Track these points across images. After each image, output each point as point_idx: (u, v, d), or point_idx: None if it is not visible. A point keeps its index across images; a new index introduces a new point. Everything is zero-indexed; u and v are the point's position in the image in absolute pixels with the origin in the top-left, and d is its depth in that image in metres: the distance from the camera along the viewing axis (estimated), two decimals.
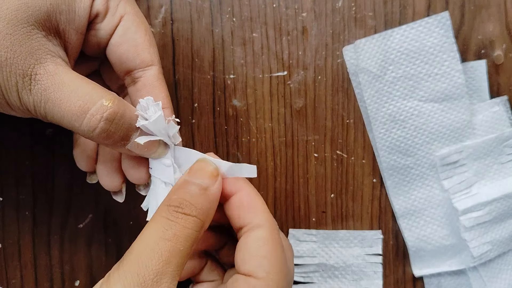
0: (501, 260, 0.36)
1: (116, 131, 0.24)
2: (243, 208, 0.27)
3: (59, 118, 0.24)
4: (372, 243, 0.36)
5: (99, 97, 0.24)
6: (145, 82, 0.28)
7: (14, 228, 0.35)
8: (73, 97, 0.23)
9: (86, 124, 0.23)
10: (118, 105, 0.24)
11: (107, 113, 0.24)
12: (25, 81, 0.23)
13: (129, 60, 0.27)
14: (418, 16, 0.34)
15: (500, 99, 0.35)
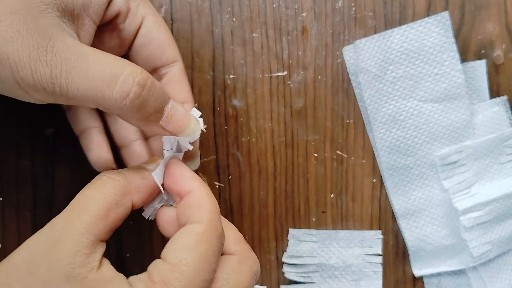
0: (501, 260, 0.36)
1: (149, 98, 0.23)
2: (190, 206, 0.25)
3: (85, 89, 0.22)
4: (372, 243, 0.36)
5: (128, 65, 0.23)
6: (170, 78, 0.29)
7: (14, 228, 0.35)
8: (100, 65, 0.22)
9: (118, 90, 0.22)
10: (147, 73, 0.23)
11: (138, 78, 0.23)
12: (40, 52, 0.22)
13: (156, 59, 0.28)
14: (418, 16, 0.34)
15: (500, 99, 0.35)
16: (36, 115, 0.34)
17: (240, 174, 0.35)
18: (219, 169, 0.35)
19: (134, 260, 0.35)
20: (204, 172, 0.35)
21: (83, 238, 0.23)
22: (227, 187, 0.35)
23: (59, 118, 0.34)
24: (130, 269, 0.36)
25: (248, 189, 0.36)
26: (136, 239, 0.35)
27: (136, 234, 0.35)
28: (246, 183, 0.36)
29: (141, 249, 0.35)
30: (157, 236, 0.36)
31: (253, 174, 0.35)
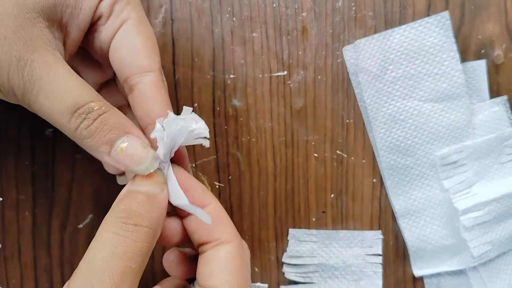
0: (501, 260, 0.36)
1: (98, 131, 0.24)
2: (213, 223, 0.25)
3: (47, 112, 0.24)
4: (372, 243, 0.36)
5: (88, 97, 0.24)
6: (141, 89, 0.27)
7: (14, 228, 0.35)
8: (66, 94, 0.23)
9: (73, 121, 0.23)
10: (105, 109, 0.24)
11: (92, 113, 0.24)
12: (19, 65, 0.23)
13: (126, 66, 0.27)
14: (418, 16, 0.34)
15: (500, 99, 0.35)
16: (36, 115, 0.34)
17: (240, 174, 0.35)
18: (219, 169, 0.35)
19: None
20: (204, 172, 0.35)
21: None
22: (227, 187, 0.35)
23: None
24: None
25: (248, 189, 0.36)
26: None
27: None
28: (246, 183, 0.36)
29: None
30: None
31: (253, 174, 0.35)
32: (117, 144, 0.24)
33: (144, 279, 0.35)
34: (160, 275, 0.36)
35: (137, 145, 0.24)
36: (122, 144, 0.24)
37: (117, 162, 0.24)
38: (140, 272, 0.23)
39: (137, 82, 0.27)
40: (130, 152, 0.24)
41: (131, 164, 0.24)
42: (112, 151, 0.24)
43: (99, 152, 0.24)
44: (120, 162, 0.24)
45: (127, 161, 0.24)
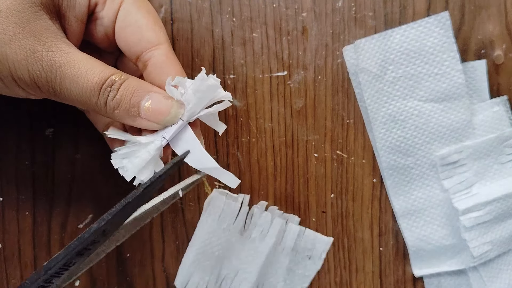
0: (501, 260, 0.36)
1: (123, 98, 0.25)
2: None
3: (77, 95, 0.24)
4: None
5: (110, 73, 0.25)
6: (155, 63, 0.27)
7: (14, 228, 0.35)
8: (90, 74, 0.24)
9: (101, 97, 0.25)
10: (124, 77, 0.25)
11: (115, 85, 0.25)
12: (36, 56, 0.23)
13: (135, 43, 0.27)
14: (418, 16, 0.34)
15: (500, 99, 0.35)
16: (36, 115, 0.34)
17: (240, 174, 0.35)
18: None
19: (134, 260, 0.35)
20: None
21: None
22: (227, 187, 0.35)
23: (59, 118, 0.34)
24: (130, 269, 0.36)
25: (248, 189, 0.36)
26: (136, 239, 0.35)
27: (136, 234, 0.35)
28: (246, 183, 0.35)
29: (141, 249, 0.35)
30: (157, 236, 0.36)
31: (253, 174, 0.35)
32: (143, 104, 0.25)
33: (144, 280, 0.35)
34: (160, 275, 0.36)
35: (159, 99, 0.25)
36: (147, 103, 0.25)
37: (149, 121, 0.26)
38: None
39: (149, 57, 0.27)
40: (156, 107, 0.25)
41: (160, 117, 0.26)
42: (141, 112, 0.25)
43: (131, 117, 0.26)
44: (151, 120, 0.26)
45: (155, 116, 0.26)
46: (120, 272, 0.35)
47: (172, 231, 0.36)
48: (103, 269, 0.35)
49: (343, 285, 0.37)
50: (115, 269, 0.35)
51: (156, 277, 0.36)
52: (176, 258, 0.36)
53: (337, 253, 0.36)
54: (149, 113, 0.25)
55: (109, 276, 0.35)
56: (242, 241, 0.35)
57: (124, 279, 0.36)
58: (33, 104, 0.32)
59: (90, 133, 0.34)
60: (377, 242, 0.36)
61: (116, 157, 0.27)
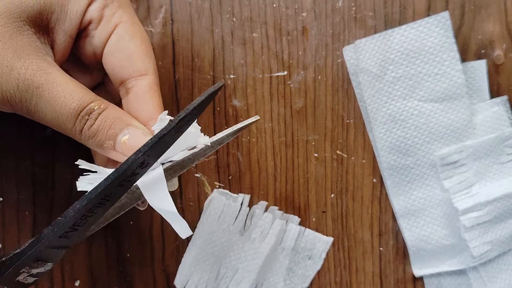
0: (501, 260, 0.36)
1: (100, 129, 0.24)
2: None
3: (51, 118, 0.24)
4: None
5: (90, 100, 0.24)
6: (137, 92, 0.27)
7: (14, 228, 0.35)
8: (68, 99, 0.24)
9: (77, 124, 0.24)
10: (104, 106, 0.25)
11: (93, 113, 0.24)
12: (13, 75, 0.23)
13: (122, 69, 0.27)
14: (418, 16, 0.34)
15: (500, 99, 0.35)
16: None
17: (240, 174, 0.35)
18: (219, 169, 0.35)
19: (134, 260, 0.35)
20: (204, 172, 0.35)
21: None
22: (227, 187, 0.35)
23: None
24: (130, 269, 0.36)
25: (248, 189, 0.36)
26: (136, 239, 0.35)
27: (136, 234, 0.35)
28: (246, 183, 0.35)
29: (141, 249, 0.35)
30: (157, 236, 0.36)
31: (253, 174, 0.35)
32: (119, 138, 0.25)
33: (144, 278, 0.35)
34: (160, 274, 0.36)
35: (137, 135, 0.25)
36: (124, 137, 0.25)
37: (124, 153, 0.25)
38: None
39: (133, 85, 0.27)
40: (132, 144, 0.24)
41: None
42: (117, 145, 0.25)
43: (105, 149, 0.25)
44: (126, 155, 0.25)
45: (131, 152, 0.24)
46: (120, 272, 0.36)
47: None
48: (103, 269, 0.35)
49: (343, 285, 0.37)
50: (115, 269, 0.35)
51: (156, 277, 0.36)
52: (176, 258, 0.36)
53: (337, 253, 0.36)
54: (125, 148, 0.25)
55: (109, 276, 0.35)
56: (242, 241, 0.35)
57: (124, 279, 0.36)
58: None
59: None
60: (377, 242, 0.36)
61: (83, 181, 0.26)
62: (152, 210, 0.35)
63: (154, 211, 0.34)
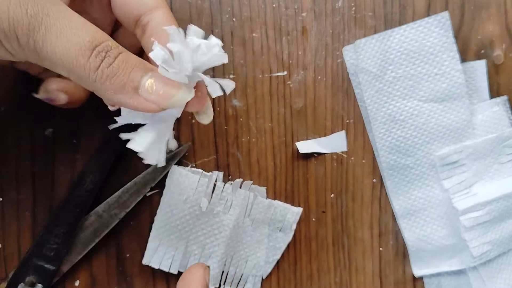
0: (501, 260, 0.36)
1: (121, 68, 0.21)
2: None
3: (61, 52, 0.21)
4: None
5: (106, 37, 0.22)
6: (155, 26, 0.25)
7: (14, 228, 0.35)
8: (81, 30, 0.21)
9: (93, 59, 0.21)
10: (122, 49, 0.22)
11: (112, 51, 0.21)
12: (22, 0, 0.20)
13: (132, 7, 0.25)
14: (418, 16, 0.34)
15: (500, 99, 0.35)
16: (36, 115, 0.34)
17: (240, 174, 0.35)
18: (219, 169, 0.35)
19: (134, 260, 0.35)
20: None
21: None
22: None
23: (59, 118, 0.34)
24: (130, 269, 0.36)
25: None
26: (136, 239, 0.35)
27: (136, 234, 0.35)
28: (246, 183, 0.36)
29: (141, 249, 0.35)
30: None
31: (253, 174, 0.35)
32: (144, 80, 0.22)
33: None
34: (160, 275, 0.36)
35: (164, 79, 0.22)
36: (150, 80, 0.22)
37: (148, 100, 0.22)
38: None
39: (148, 20, 0.25)
40: (161, 85, 0.22)
41: (164, 97, 0.22)
42: (140, 88, 0.22)
43: (125, 93, 0.22)
44: (151, 99, 0.22)
45: (159, 95, 0.22)
46: (120, 272, 0.35)
47: None
48: (103, 269, 0.35)
49: (343, 285, 0.37)
50: (115, 269, 0.35)
51: (156, 277, 0.36)
52: None
53: (337, 253, 0.36)
54: (150, 91, 0.21)
55: (109, 276, 0.35)
56: (207, 216, 0.35)
57: (124, 279, 0.36)
58: (33, 104, 0.32)
59: (90, 133, 0.34)
60: (377, 242, 0.36)
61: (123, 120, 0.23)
62: (152, 210, 0.35)
63: (153, 211, 0.34)
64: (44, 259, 0.33)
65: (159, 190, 0.35)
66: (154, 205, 0.35)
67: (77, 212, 0.33)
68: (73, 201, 0.33)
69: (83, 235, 0.34)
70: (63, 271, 0.34)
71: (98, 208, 0.34)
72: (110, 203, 0.34)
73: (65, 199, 0.33)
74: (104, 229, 0.34)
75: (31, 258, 0.33)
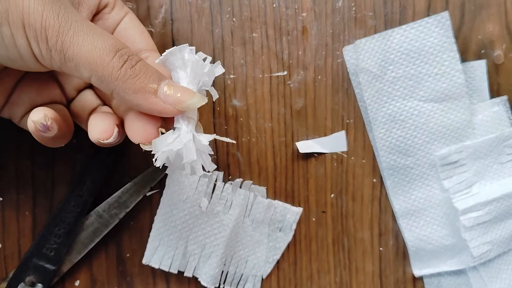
0: (501, 260, 0.36)
1: (142, 71, 0.24)
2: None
3: (87, 51, 0.23)
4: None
5: (126, 46, 0.24)
6: (151, 62, 0.28)
7: (14, 228, 0.35)
8: (105, 36, 0.23)
9: (117, 58, 0.23)
10: (140, 58, 0.24)
11: (133, 56, 0.24)
12: (54, 5, 0.22)
13: (136, 43, 0.29)
14: (418, 16, 0.34)
15: (500, 99, 0.35)
16: None
17: (240, 174, 0.35)
18: (219, 169, 0.35)
19: (134, 260, 0.35)
20: None
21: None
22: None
23: None
24: (130, 269, 0.36)
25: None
26: (136, 239, 0.35)
27: (136, 234, 0.35)
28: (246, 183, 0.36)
29: (141, 249, 0.35)
30: None
31: (253, 174, 0.35)
32: (162, 84, 0.24)
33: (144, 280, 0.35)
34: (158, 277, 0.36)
35: (180, 86, 0.24)
36: (167, 84, 0.24)
37: (166, 102, 0.24)
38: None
39: (147, 56, 0.29)
40: (177, 90, 0.24)
41: (181, 99, 0.24)
42: (159, 90, 0.24)
43: (145, 93, 0.24)
44: (169, 101, 0.24)
45: (176, 98, 0.24)
46: (120, 272, 0.36)
47: None
48: (103, 269, 0.35)
49: (343, 285, 0.37)
50: (115, 269, 0.35)
51: (156, 277, 0.36)
52: None
53: (337, 253, 0.36)
54: (169, 92, 0.24)
55: (109, 276, 0.35)
56: (207, 216, 0.35)
57: (124, 279, 0.36)
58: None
59: None
60: (377, 242, 0.36)
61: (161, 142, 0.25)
62: (152, 210, 0.35)
63: (153, 211, 0.35)
64: (44, 259, 0.33)
65: (159, 190, 0.35)
66: (154, 205, 0.35)
67: (77, 212, 0.33)
68: (73, 201, 0.33)
69: (83, 235, 0.34)
70: (63, 271, 0.34)
71: (98, 208, 0.34)
72: (110, 203, 0.34)
73: (65, 199, 0.33)
74: (104, 229, 0.34)
75: (31, 258, 0.33)
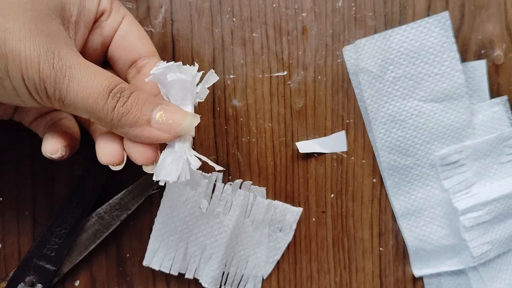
0: (501, 260, 0.36)
1: (133, 105, 0.25)
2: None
3: (83, 97, 0.24)
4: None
5: (118, 80, 0.25)
6: (149, 69, 0.28)
7: (14, 228, 0.35)
8: (99, 77, 0.24)
9: (109, 101, 0.24)
10: (133, 88, 0.25)
11: (125, 92, 0.25)
12: (48, 55, 0.23)
13: (135, 49, 0.29)
14: (418, 16, 0.34)
15: (500, 99, 0.35)
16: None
17: (240, 174, 0.35)
18: None
19: (134, 260, 0.35)
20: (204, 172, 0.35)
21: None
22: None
23: None
24: (130, 269, 0.36)
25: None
26: (136, 240, 0.35)
27: (136, 234, 0.35)
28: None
29: (141, 250, 0.35)
30: None
31: (253, 174, 0.35)
32: (154, 113, 0.25)
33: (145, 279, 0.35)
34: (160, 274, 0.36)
35: (172, 109, 0.25)
36: (159, 112, 0.25)
37: (160, 130, 0.25)
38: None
39: (145, 63, 0.29)
40: (169, 116, 0.25)
41: (173, 125, 0.25)
42: (152, 120, 0.25)
43: (139, 126, 0.25)
44: (163, 128, 0.25)
45: (169, 125, 0.25)
46: (120, 272, 0.36)
47: None
48: (103, 269, 0.35)
49: (343, 285, 0.37)
50: (115, 269, 0.35)
51: (156, 277, 0.36)
52: None
53: (337, 253, 0.36)
54: (161, 122, 0.25)
55: (109, 276, 0.35)
56: (207, 217, 0.35)
57: (124, 279, 0.36)
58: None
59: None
60: (377, 242, 0.36)
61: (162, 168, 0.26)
62: (152, 211, 0.35)
63: (153, 211, 0.35)
64: (45, 259, 0.33)
65: (159, 190, 0.35)
66: (154, 205, 0.35)
67: (79, 213, 0.33)
68: (75, 202, 0.33)
69: (84, 236, 0.34)
70: (63, 271, 0.34)
71: (99, 209, 0.34)
72: (112, 204, 0.34)
73: (67, 200, 0.33)
74: (105, 230, 0.34)
75: (32, 258, 0.33)
